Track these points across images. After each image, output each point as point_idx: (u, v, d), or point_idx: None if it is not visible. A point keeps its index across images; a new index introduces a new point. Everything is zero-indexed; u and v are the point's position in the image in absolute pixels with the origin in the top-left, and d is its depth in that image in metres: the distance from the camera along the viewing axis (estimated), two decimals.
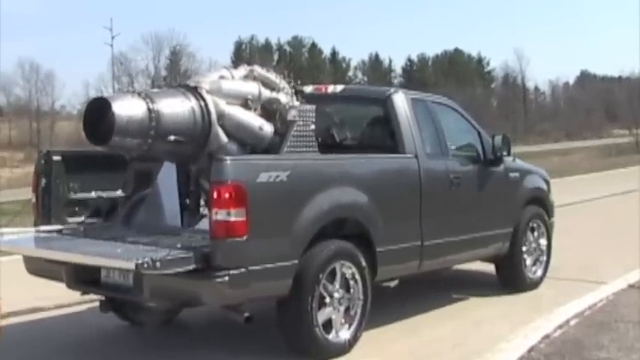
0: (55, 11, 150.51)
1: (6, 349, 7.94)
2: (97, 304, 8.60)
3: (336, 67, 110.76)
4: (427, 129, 8.92)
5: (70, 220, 7.97)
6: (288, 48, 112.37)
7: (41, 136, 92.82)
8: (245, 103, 7.54)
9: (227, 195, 6.43)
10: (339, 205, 7.43)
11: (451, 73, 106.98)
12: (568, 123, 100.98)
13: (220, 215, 6.45)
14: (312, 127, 7.73)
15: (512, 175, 10.12)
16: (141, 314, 8.38)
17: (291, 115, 7.62)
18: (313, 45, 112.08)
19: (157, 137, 6.93)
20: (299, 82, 8.42)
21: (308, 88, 8.85)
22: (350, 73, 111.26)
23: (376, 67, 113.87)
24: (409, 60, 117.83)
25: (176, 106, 7.11)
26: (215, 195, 6.47)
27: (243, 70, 7.96)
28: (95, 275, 7.21)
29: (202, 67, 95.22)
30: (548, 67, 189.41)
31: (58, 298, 9.33)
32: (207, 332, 8.52)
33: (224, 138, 7.34)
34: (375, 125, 9.18)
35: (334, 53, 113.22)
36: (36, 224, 7.91)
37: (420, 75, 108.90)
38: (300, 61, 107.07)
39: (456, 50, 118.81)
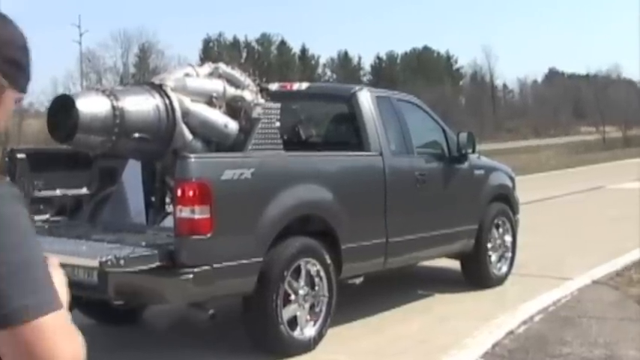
0: (23, 8, 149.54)
1: None
2: None
3: (305, 64, 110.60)
4: (392, 126, 8.95)
5: (35, 218, 7.92)
6: (256, 45, 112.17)
7: (9, 134, 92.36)
8: (210, 100, 7.54)
9: (191, 192, 6.45)
10: (304, 202, 7.46)
11: (420, 71, 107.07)
12: (536, 120, 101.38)
13: (184, 213, 6.46)
14: (277, 124, 7.75)
15: (477, 172, 10.17)
16: (107, 312, 8.38)
17: (256, 112, 7.63)
18: (282, 42, 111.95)
19: (121, 135, 6.92)
20: (264, 79, 8.46)
21: (274, 86, 8.85)
22: (319, 71, 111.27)
23: (345, 65, 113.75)
24: (378, 58, 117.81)
25: (140, 104, 7.10)
26: (179, 192, 6.48)
27: (207, 67, 7.96)
28: None
29: (171, 64, 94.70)
30: (516, 65, 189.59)
31: None
32: (172, 330, 8.53)
33: (189, 135, 7.34)
34: (340, 123, 9.24)
35: (304, 50, 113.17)
36: None
37: (388, 73, 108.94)
38: (268, 59, 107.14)
39: (425, 48, 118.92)
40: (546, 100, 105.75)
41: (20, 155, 7.89)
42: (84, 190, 8.19)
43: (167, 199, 7.80)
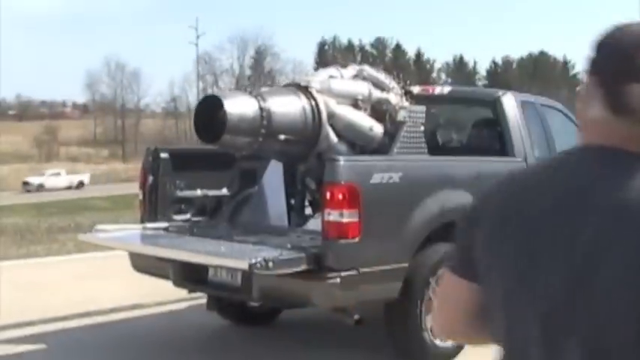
0: (142, 9, 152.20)
1: (113, 346, 7.99)
2: (195, 302, 8.67)
3: (420, 68, 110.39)
4: (536, 132, 8.69)
5: (176, 217, 7.94)
6: (370, 49, 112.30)
7: (126, 134, 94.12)
8: (355, 103, 7.45)
9: (340, 196, 6.32)
10: (450, 208, 7.25)
11: (536, 76, 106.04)
12: None
13: (333, 216, 6.34)
14: (422, 128, 7.62)
15: None
16: (244, 313, 8.39)
17: (401, 115, 7.51)
18: (397, 46, 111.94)
19: (267, 136, 6.87)
20: (408, 82, 8.28)
21: (415, 89, 8.68)
22: (434, 75, 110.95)
23: (460, 69, 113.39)
24: (494, 62, 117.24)
25: (287, 105, 7.05)
26: (328, 196, 6.35)
27: (352, 69, 7.88)
28: (202, 274, 7.16)
29: (287, 67, 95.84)
30: None
31: (156, 295, 9.38)
32: (309, 332, 8.45)
33: (334, 138, 7.26)
34: (482, 127, 9.02)
35: (419, 54, 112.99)
36: (142, 221, 7.90)
37: (504, 77, 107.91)
38: (383, 62, 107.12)
39: (541, 53, 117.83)
40: None
41: (163, 155, 7.91)
42: (224, 191, 8.18)
43: (306, 202, 7.76)
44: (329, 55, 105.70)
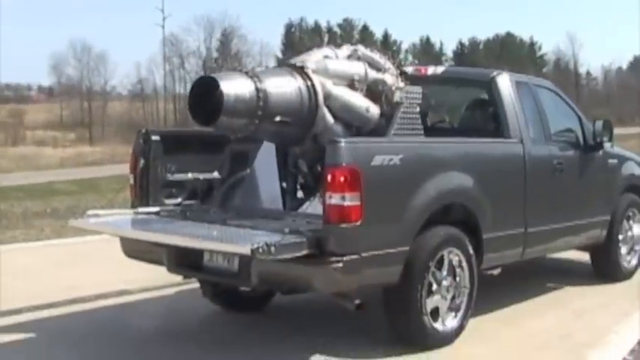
0: None
1: (102, 333, 7.82)
2: (183, 287, 8.53)
3: (387, 49, 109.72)
4: (530, 113, 8.60)
5: (168, 201, 7.77)
6: (338, 30, 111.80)
7: (93, 117, 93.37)
8: (351, 83, 7.29)
9: (342, 179, 6.17)
10: (449, 190, 7.16)
11: (503, 57, 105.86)
12: (621, 109, 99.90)
13: (335, 199, 6.18)
14: (418, 109, 7.48)
15: (610, 161, 9.79)
16: (234, 298, 8.26)
17: (398, 96, 7.36)
18: (365, 27, 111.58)
19: (264, 118, 6.70)
20: (403, 62, 8.11)
21: (407, 70, 8.53)
22: (401, 56, 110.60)
23: (427, 50, 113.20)
24: (460, 43, 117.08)
25: (283, 86, 6.88)
26: (329, 178, 6.19)
27: (346, 49, 7.72)
28: (198, 259, 6.99)
29: (254, 49, 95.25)
30: (601, 52, 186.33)
31: (142, 281, 9.24)
32: (302, 318, 8.32)
33: (330, 119, 7.11)
34: (477, 108, 8.92)
35: (386, 36, 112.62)
36: (133, 206, 7.71)
37: (471, 59, 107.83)
38: (351, 43, 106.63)
39: (508, 34, 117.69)
40: (631, 88, 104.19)
41: (155, 137, 7.72)
42: (215, 175, 8.02)
43: (298, 185, 7.62)
44: (296, 36, 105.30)
